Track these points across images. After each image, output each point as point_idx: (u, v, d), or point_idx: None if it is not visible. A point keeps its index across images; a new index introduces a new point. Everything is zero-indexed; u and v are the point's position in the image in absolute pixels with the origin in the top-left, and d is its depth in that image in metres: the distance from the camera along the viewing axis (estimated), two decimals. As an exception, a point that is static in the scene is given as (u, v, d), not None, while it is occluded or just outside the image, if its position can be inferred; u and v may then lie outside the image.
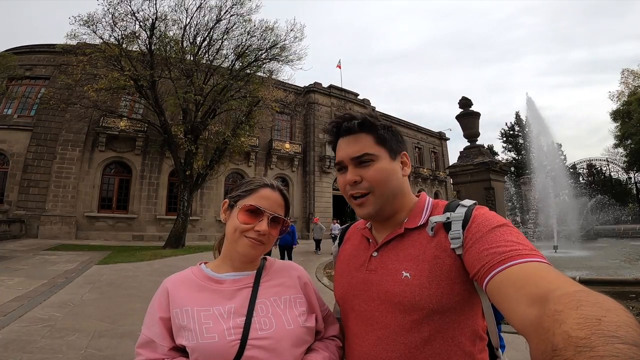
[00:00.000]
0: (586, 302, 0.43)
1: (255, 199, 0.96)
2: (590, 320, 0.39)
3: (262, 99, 15.87)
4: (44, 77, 19.11)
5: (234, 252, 0.97)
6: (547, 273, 0.58)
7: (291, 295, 0.98)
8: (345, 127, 0.91)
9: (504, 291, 0.61)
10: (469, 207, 0.82)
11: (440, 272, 0.79)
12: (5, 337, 3.90)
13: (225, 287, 0.94)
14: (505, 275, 0.62)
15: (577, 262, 8.00)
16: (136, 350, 0.92)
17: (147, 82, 14.01)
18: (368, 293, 0.88)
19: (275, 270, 1.03)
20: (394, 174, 0.90)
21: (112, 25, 13.78)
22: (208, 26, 15.24)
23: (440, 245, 0.81)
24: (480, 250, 0.71)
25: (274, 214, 0.96)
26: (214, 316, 0.88)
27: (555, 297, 0.49)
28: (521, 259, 0.63)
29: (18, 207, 16.68)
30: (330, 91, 27.10)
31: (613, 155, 31.55)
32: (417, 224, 0.87)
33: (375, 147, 0.89)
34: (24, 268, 8.28)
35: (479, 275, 0.69)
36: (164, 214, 19.68)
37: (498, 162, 8.10)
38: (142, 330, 0.92)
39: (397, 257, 0.86)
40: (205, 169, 15.67)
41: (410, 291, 0.79)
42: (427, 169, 34.25)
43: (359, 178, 0.88)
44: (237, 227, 0.94)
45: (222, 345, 0.83)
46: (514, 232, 0.72)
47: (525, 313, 0.53)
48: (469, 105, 8.52)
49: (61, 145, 17.70)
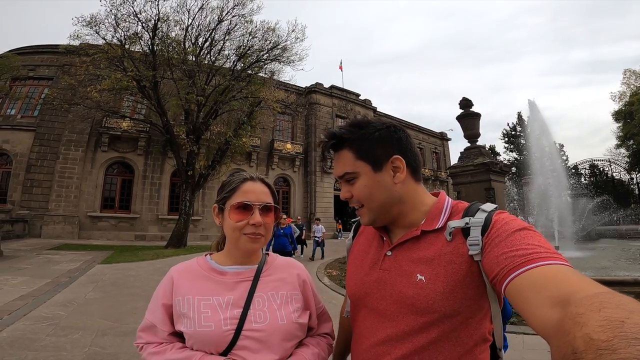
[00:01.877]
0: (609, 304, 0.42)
1: (240, 195, 0.99)
2: (612, 323, 0.38)
3: (264, 100, 15.89)
4: (47, 77, 19.21)
5: (236, 250, 1.01)
6: (569, 275, 0.58)
7: (288, 291, 1.02)
8: (331, 145, 0.93)
9: (524, 294, 0.60)
10: (490, 213, 0.80)
11: (455, 277, 0.78)
12: (11, 335, 3.96)
13: (227, 279, 0.99)
14: (525, 278, 0.62)
15: (577, 263, 8.01)
16: (138, 334, 0.99)
17: (149, 83, 14.07)
18: (381, 292, 0.88)
19: (276, 266, 1.08)
20: (379, 187, 0.88)
21: (115, 26, 13.84)
22: (210, 27, 15.27)
23: (458, 250, 0.80)
24: (500, 254, 0.70)
25: (263, 203, 0.99)
26: (213, 306, 0.93)
27: (577, 299, 0.48)
28: (542, 262, 0.62)
29: (21, 207, 16.79)
30: (331, 92, 27.08)
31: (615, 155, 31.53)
32: (434, 227, 0.85)
33: (355, 164, 0.89)
34: (28, 267, 8.35)
35: (497, 279, 0.68)
36: (166, 214, 19.74)
37: (498, 163, 8.11)
38: (146, 315, 0.99)
39: (412, 259, 0.85)
40: (207, 169, 15.71)
41: (424, 295, 0.79)
42: (428, 169, 34.21)
43: (349, 195, 0.91)
44: (233, 227, 0.97)
45: (218, 334, 0.88)
46: (535, 235, 0.71)
47: (546, 316, 0.53)
48: (470, 105, 8.53)
49: (64, 145, 17.80)
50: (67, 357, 3.47)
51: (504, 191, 8.33)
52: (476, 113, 8.47)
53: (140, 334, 0.98)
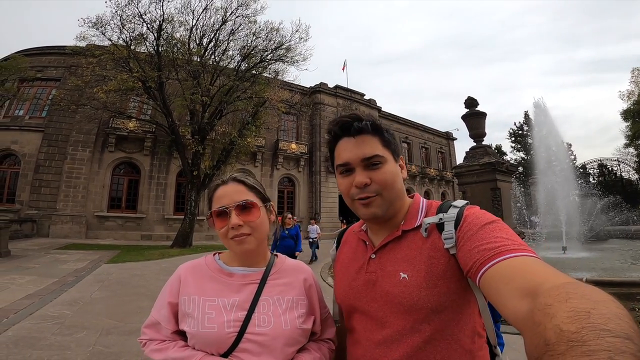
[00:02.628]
0: (574, 294, 0.43)
1: (215, 202, 0.99)
2: (579, 314, 0.39)
3: (268, 100, 15.93)
4: (55, 78, 19.42)
5: (234, 254, 1.03)
6: (535, 266, 0.59)
7: (294, 296, 1.01)
8: (357, 127, 0.88)
9: (495, 286, 0.62)
10: (461, 208, 0.84)
11: (436, 272, 0.80)
12: (16, 334, 4.00)
13: (233, 281, 0.99)
14: (495, 271, 0.64)
15: (585, 264, 7.89)
16: (142, 330, 1.00)
17: (155, 84, 14.17)
18: (370, 295, 0.89)
19: (284, 269, 1.07)
20: (398, 176, 0.91)
21: (121, 27, 13.98)
22: (214, 27, 15.36)
23: (435, 245, 0.82)
24: (472, 248, 0.72)
25: (236, 202, 0.97)
26: (218, 307, 0.93)
27: (544, 290, 0.49)
28: (509, 254, 0.64)
29: (30, 207, 16.99)
30: (336, 91, 27.06)
31: (624, 155, 31.05)
32: (413, 226, 0.88)
33: (383, 150, 0.89)
34: (36, 267, 8.45)
35: (471, 273, 0.70)
36: (171, 213, 19.87)
37: (504, 162, 8.03)
38: (152, 312, 1.00)
39: (395, 259, 0.87)
40: (212, 169, 15.77)
41: (408, 292, 0.81)
42: (434, 169, 34.04)
43: (369, 180, 0.86)
44: (220, 234, 0.98)
45: (220, 335, 0.88)
46: (503, 228, 0.73)
47: (517, 307, 0.54)
48: (475, 105, 8.46)
49: (72, 145, 18.00)
50: (71, 356, 3.49)
51: (510, 191, 8.24)
52: (482, 112, 8.40)
53: (145, 330, 0.99)
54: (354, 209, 0.92)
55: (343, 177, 0.91)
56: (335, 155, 0.94)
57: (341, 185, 0.92)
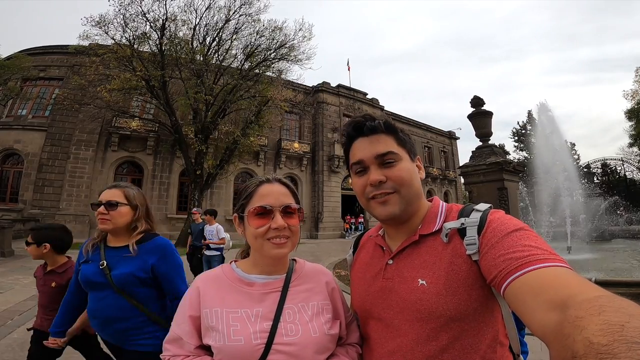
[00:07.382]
0: (608, 307, 0.41)
1: (258, 199, 0.95)
2: (612, 327, 0.37)
3: (271, 99, 15.91)
4: (58, 77, 19.38)
5: (262, 258, 0.97)
6: (568, 278, 0.57)
7: (319, 301, 0.97)
8: (370, 126, 0.89)
9: (522, 297, 0.59)
10: (484, 212, 0.80)
11: (456, 278, 0.77)
12: (21, 337, 3.97)
13: (254, 290, 0.95)
14: (523, 282, 0.61)
15: (591, 264, 7.84)
16: (164, 346, 0.95)
17: (158, 83, 14.17)
18: (386, 302, 0.87)
19: (305, 274, 1.03)
20: (416, 175, 0.89)
21: (124, 26, 13.99)
22: (217, 26, 15.34)
23: (456, 251, 0.79)
24: (497, 256, 0.69)
25: (283, 204, 0.94)
26: (242, 319, 0.89)
27: (576, 302, 0.47)
28: (539, 264, 0.61)
29: (33, 206, 16.98)
30: (338, 91, 26.96)
31: (628, 154, 30.92)
32: (431, 230, 0.86)
33: (398, 148, 0.89)
34: (39, 266, 8.42)
35: (495, 282, 0.68)
36: (174, 213, 19.85)
37: (511, 162, 7.97)
38: (172, 327, 0.95)
39: (413, 265, 0.84)
40: (216, 168, 15.77)
41: (427, 299, 0.78)
42: (436, 168, 33.93)
43: (384, 178, 0.85)
44: (255, 234, 0.93)
45: (248, 348, 0.85)
46: (531, 235, 0.70)
47: (545, 319, 0.52)
48: (481, 104, 8.38)
49: (75, 145, 17.97)
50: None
51: (517, 191, 8.18)
52: (487, 111, 8.32)
53: (167, 346, 0.95)
54: (369, 210, 0.90)
55: (358, 176, 0.90)
56: (350, 156, 0.93)
57: (356, 185, 0.91)
